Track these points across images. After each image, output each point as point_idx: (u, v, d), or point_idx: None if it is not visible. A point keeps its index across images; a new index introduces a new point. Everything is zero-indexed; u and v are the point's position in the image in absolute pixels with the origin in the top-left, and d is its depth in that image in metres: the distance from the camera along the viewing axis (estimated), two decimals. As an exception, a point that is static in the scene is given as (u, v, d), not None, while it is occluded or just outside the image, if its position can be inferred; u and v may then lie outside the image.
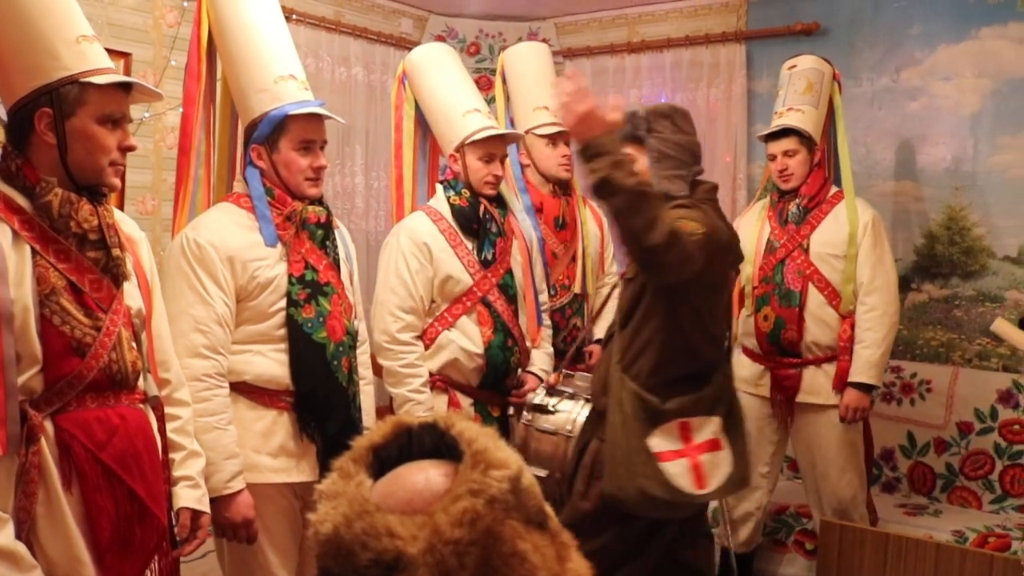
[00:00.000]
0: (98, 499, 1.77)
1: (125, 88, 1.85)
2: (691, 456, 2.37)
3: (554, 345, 3.35)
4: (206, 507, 2.08)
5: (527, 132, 3.50)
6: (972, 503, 3.64)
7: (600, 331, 3.66)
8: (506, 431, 2.98)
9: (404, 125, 3.22)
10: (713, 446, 2.41)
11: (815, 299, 3.26)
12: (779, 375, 3.31)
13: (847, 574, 2.94)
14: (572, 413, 2.67)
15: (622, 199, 2.17)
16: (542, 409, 2.70)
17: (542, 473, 2.61)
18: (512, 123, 3.58)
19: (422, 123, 3.22)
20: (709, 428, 2.42)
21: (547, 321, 3.28)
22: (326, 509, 0.85)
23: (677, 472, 2.35)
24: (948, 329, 3.83)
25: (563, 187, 3.58)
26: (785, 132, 3.28)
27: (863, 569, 2.87)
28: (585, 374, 2.81)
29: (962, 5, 3.74)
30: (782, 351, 3.31)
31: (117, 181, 1.88)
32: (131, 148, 1.87)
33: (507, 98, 3.63)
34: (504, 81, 3.64)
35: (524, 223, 3.29)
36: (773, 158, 3.34)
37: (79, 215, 1.78)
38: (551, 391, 2.74)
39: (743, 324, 3.47)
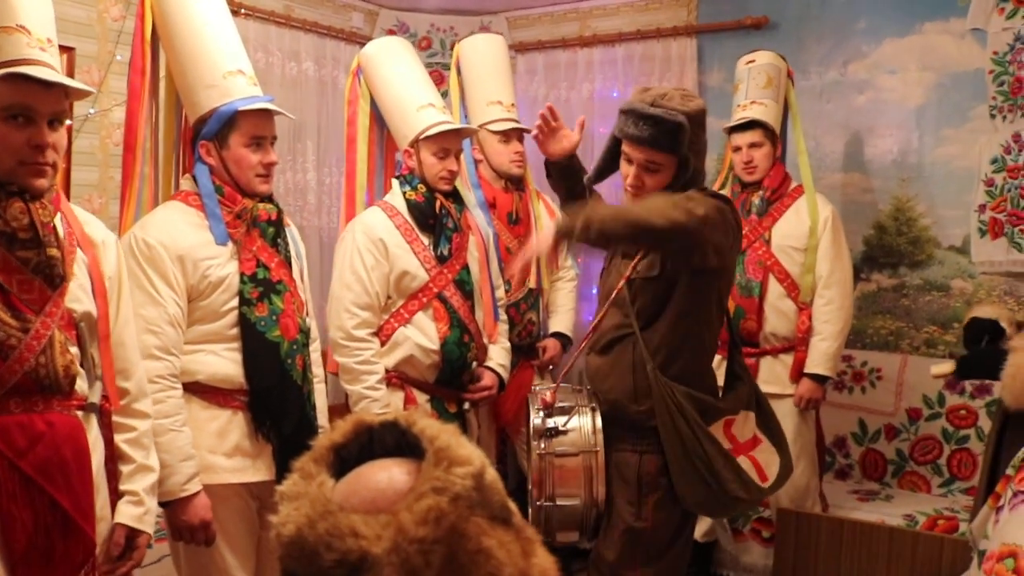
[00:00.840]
0: (13, 508, 1.70)
1: (43, 83, 1.72)
2: (746, 453, 2.35)
3: (510, 340, 3.35)
4: (146, 527, 2.00)
5: (480, 127, 3.49)
6: (922, 487, 3.73)
7: (556, 325, 3.66)
8: (464, 427, 2.97)
9: (359, 120, 3.19)
10: (755, 443, 2.39)
11: (775, 290, 3.32)
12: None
13: (803, 560, 2.99)
14: (584, 428, 2.38)
15: (613, 228, 2.14)
16: (553, 432, 2.38)
17: (574, 503, 2.37)
18: (466, 117, 3.57)
19: (378, 118, 3.19)
20: (749, 425, 2.40)
21: (503, 316, 3.28)
22: (288, 510, 0.84)
23: (747, 467, 2.32)
24: (897, 318, 3.90)
25: (516, 183, 3.57)
26: (751, 124, 3.33)
27: (819, 555, 2.92)
28: (564, 384, 2.57)
29: (906, 0, 3.81)
30: (740, 341, 3.35)
31: (38, 181, 1.76)
32: (44, 145, 1.74)
33: (461, 91, 3.61)
34: (459, 73, 3.62)
35: (479, 218, 3.27)
36: (737, 150, 3.39)
37: (8, 213, 1.72)
38: (549, 411, 2.42)
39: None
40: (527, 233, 3.56)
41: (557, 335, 3.64)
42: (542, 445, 2.37)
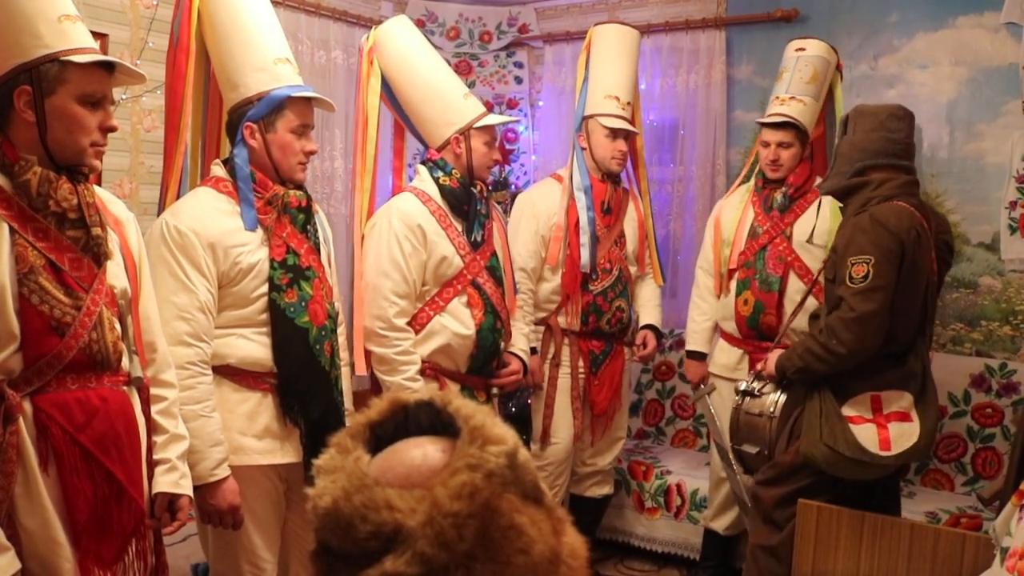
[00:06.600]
0: (75, 481, 1.77)
1: (107, 68, 1.83)
2: (880, 423, 2.65)
3: (599, 327, 3.49)
4: (184, 490, 2.05)
5: (591, 116, 3.49)
6: (945, 485, 3.71)
7: (648, 318, 3.71)
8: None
9: (370, 101, 2.99)
10: (903, 418, 2.67)
11: (794, 286, 3.29)
12: (757, 359, 3.34)
13: (824, 554, 2.98)
14: (775, 395, 2.93)
15: (797, 373, 2.75)
16: (750, 394, 2.99)
17: (754, 450, 2.95)
18: (585, 103, 3.56)
19: (388, 100, 3.07)
20: (901, 402, 2.66)
21: (524, 298, 3.35)
22: (324, 483, 0.85)
23: (865, 435, 2.63)
24: (923, 314, 3.87)
25: (612, 176, 3.57)
26: (784, 123, 3.29)
27: (839, 549, 2.91)
28: None
29: (939, -7, 3.78)
30: (761, 335, 3.35)
31: (98, 162, 1.87)
32: (112, 129, 1.85)
33: (586, 75, 3.58)
34: (588, 57, 3.59)
35: (580, 201, 3.47)
36: (766, 145, 3.34)
37: (58, 194, 1.76)
38: (759, 376, 3.01)
39: (722, 308, 3.50)
40: (616, 223, 3.58)
41: (650, 327, 3.68)
42: (738, 400, 3.00)
